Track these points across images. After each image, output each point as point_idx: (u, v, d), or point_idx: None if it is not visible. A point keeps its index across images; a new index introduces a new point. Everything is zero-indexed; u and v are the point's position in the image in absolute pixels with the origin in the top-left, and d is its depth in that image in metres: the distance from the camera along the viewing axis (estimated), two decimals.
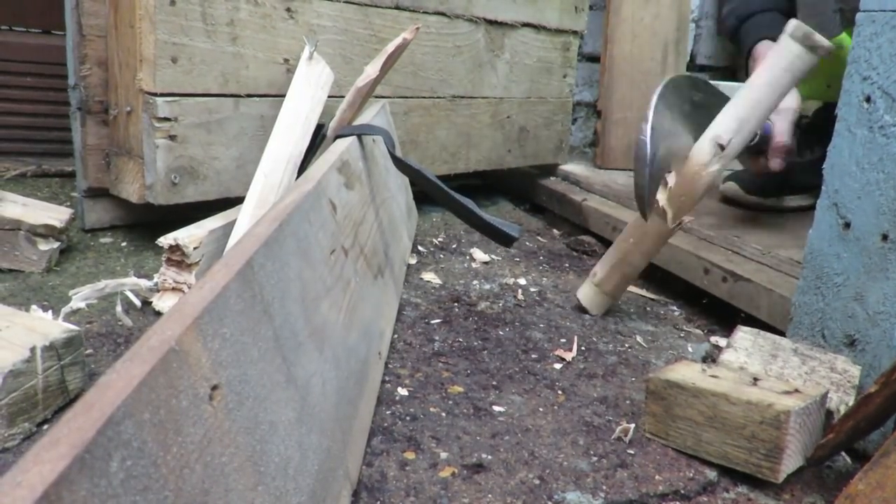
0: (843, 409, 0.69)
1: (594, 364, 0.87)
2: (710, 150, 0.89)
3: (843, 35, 1.19)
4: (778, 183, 1.35)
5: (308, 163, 1.01)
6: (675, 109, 0.96)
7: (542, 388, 0.79)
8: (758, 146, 1.14)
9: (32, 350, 0.61)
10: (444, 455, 0.64)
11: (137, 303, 0.86)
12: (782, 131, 1.13)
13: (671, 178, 0.91)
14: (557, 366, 0.85)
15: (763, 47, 1.23)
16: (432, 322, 0.94)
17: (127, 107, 1.04)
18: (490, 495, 0.59)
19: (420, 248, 1.25)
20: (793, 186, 1.36)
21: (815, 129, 1.45)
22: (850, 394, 0.71)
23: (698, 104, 1.00)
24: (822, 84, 1.29)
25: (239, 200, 0.98)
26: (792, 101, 1.15)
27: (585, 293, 1.02)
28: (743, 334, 0.82)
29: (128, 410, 0.28)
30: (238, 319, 0.40)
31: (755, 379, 0.68)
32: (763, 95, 0.89)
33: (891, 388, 0.57)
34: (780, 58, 0.89)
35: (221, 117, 1.05)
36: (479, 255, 1.25)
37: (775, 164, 1.15)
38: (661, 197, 0.91)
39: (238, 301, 0.40)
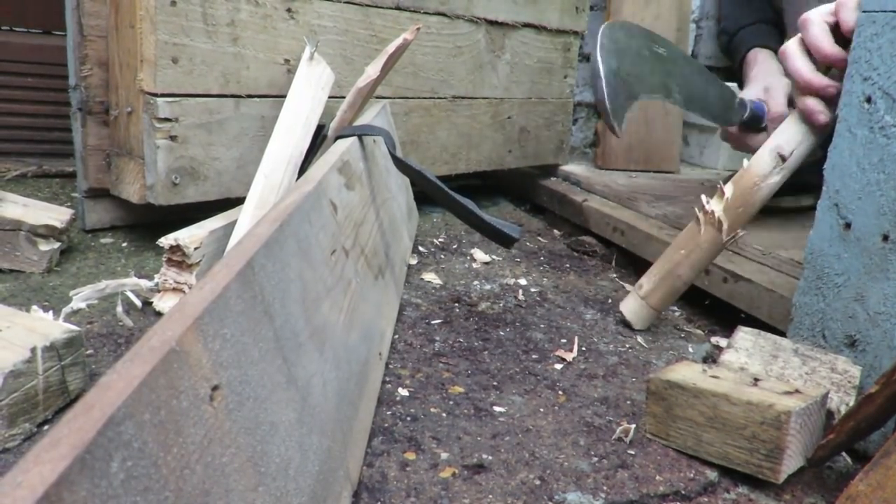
0: (843, 410, 0.69)
1: (595, 364, 0.87)
2: (771, 162, 0.87)
3: None
4: None
5: (309, 163, 1.01)
6: (634, 50, 0.96)
7: (543, 389, 0.79)
8: (752, 121, 1.14)
9: (33, 350, 0.61)
10: (444, 455, 0.64)
11: (138, 303, 0.86)
12: (778, 102, 1.14)
13: (728, 189, 0.89)
14: (558, 366, 0.85)
15: (754, 54, 1.26)
16: (433, 322, 0.94)
17: (127, 107, 1.04)
18: (491, 496, 0.59)
19: (421, 248, 1.25)
20: (793, 186, 1.37)
21: None
22: (851, 394, 0.70)
23: (661, 56, 1.00)
24: None
25: (240, 201, 0.99)
26: (781, 80, 1.17)
27: (630, 306, 0.98)
28: (743, 335, 0.81)
29: (128, 411, 0.28)
30: (238, 320, 0.40)
31: (756, 379, 0.68)
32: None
33: (891, 388, 0.57)
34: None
35: (222, 118, 1.05)
36: (480, 255, 1.25)
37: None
38: (717, 208, 0.89)
39: (238, 302, 0.40)
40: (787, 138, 0.87)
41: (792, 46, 0.85)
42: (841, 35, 0.79)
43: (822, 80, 0.82)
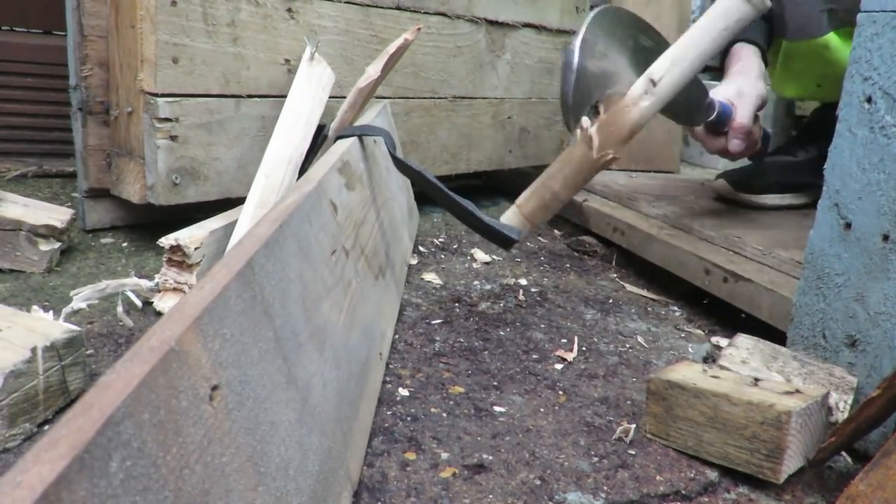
0: (841, 406, 0.70)
1: (595, 364, 0.87)
2: (642, 87, 0.90)
3: (831, 35, 1.19)
4: (768, 181, 1.36)
5: (309, 163, 1.01)
6: (618, 41, 0.97)
7: (543, 389, 0.79)
8: (717, 124, 1.14)
9: (33, 350, 0.61)
10: (444, 455, 0.64)
11: (138, 303, 0.86)
12: (744, 114, 1.14)
13: (602, 109, 0.92)
14: (558, 366, 0.85)
15: (738, 48, 1.24)
16: (433, 322, 0.94)
17: (128, 107, 1.04)
18: (491, 496, 0.59)
19: (421, 248, 1.25)
20: (785, 185, 1.37)
21: (811, 129, 1.45)
22: (850, 394, 0.71)
23: (645, 48, 1.01)
24: (812, 84, 1.30)
25: (240, 201, 0.99)
26: (756, 88, 1.17)
27: (507, 215, 1.00)
28: (743, 340, 0.82)
29: (127, 411, 0.28)
30: (238, 320, 0.40)
31: (756, 379, 0.68)
32: (696, 39, 0.91)
33: (892, 391, 0.57)
34: (717, 6, 0.91)
35: (222, 118, 1.05)
36: (480, 255, 1.25)
37: (734, 144, 1.15)
38: (591, 126, 0.92)
39: (238, 301, 0.40)
40: (659, 65, 0.90)
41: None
42: None
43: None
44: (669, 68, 0.89)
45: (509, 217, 0.98)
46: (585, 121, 0.92)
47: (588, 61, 0.90)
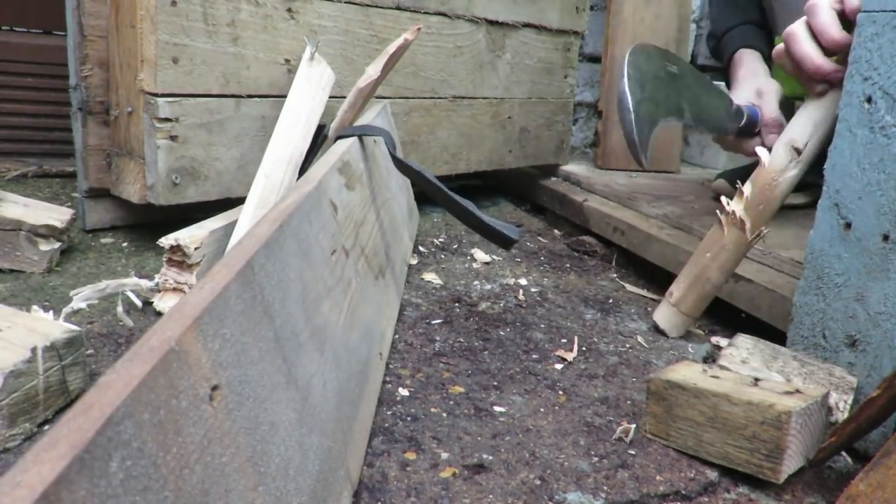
0: (841, 406, 0.70)
1: (595, 364, 0.87)
2: (787, 156, 0.88)
3: None
4: None
5: (309, 163, 1.01)
6: (651, 75, 0.96)
7: (543, 389, 0.79)
8: (748, 128, 1.14)
9: (33, 350, 0.61)
10: (444, 455, 0.64)
11: (138, 303, 0.86)
12: (772, 108, 1.15)
13: (747, 188, 0.89)
14: (558, 366, 0.85)
15: (740, 55, 1.26)
16: (433, 322, 0.94)
17: (128, 107, 1.04)
18: (491, 496, 0.59)
19: (421, 248, 1.25)
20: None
21: None
22: (850, 394, 0.71)
23: (672, 74, 1.01)
24: None
25: (240, 201, 0.99)
26: (771, 83, 1.18)
27: (663, 315, 0.98)
28: (743, 339, 0.82)
29: (127, 411, 0.28)
30: (238, 320, 0.40)
31: (756, 379, 0.68)
32: (834, 100, 0.87)
33: (892, 390, 0.57)
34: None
35: (222, 118, 1.05)
36: (480, 255, 1.25)
37: (771, 140, 1.15)
38: (738, 207, 0.89)
39: (238, 301, 0.40)
40: (801, 131, 0.88)
41: (798, 30, 0.85)
42: (847, 21, 0.80)
43: (831, 65, 0.83)
44: (812, 133, 0.87)
45: (667, 317, 0.96)
46: (731, 203, 0.90)
47: (639, 98, 0.90)
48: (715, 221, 0.93)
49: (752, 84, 1.19)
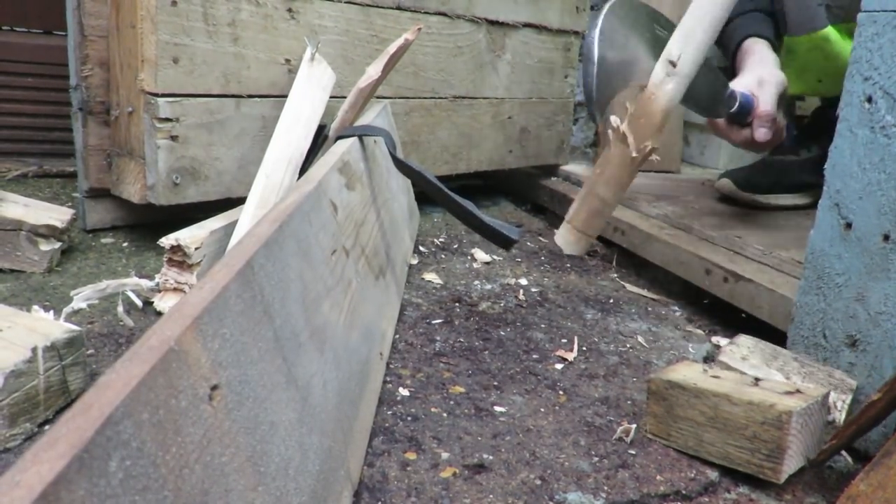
0: (839, 405, 0.70)
1: (595, 364, 0.87)
2: (662, 71, 0.90)
3: (829, 29, 1.18)
4: (773, 180, 1.35)
5: (309, 164, 1.01)
6: (636, 32, 0.96)
7: (544, 389, 0.79)
8: (739, 116, 1.11)
9: (34, 350, 0.61)
10: (445, 455, 0.64)
11: (139, 303, 0.86)
12: (766, 100, 1.11)
13: (630, 104, 0.91)
14: (559, 366, 0.85)
15: (750, 44, 1.20)
16: (433, 322, 0.94)
17: (128, 107, 1.04)
18: (491, 496, 0.59)
19: (421, 248, 1.25)
20: (789, 185, 1.37)
21: (812, 129, 1.45)
22: (848, 394, 0.71)
23: (661, 38, 0.99)
24: (814, 79, 1.29)
25: (240, 201, 0.99)
26: (775, 75, 1.14)
27: (560, 234, 0.99)
28: (744, 339, 0.82)
29: (127, 410, 0.28)
30: (238, 320, 0.40)
31: (756, 379, 0.68)
32: (704, 6, 0.88)
33: (893, 392, 0.57)
34: None
35: (223, 118, 1.05)
36: (481, 255, 1.25)
37: (760, 133, 1.11)
38: (622, 123, 0.91)
39: (238, 301, 0.40)
40: (674, 44, 0.89)
41: None
42: None
43: None
44: (684, 45, 0.87)
45: (563, 235, 0.97)
46: (615, 120, 0.92)
47: (608, 52, 0.89)
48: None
49: (757, 72, 1.15)
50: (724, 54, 1.30)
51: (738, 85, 1.13)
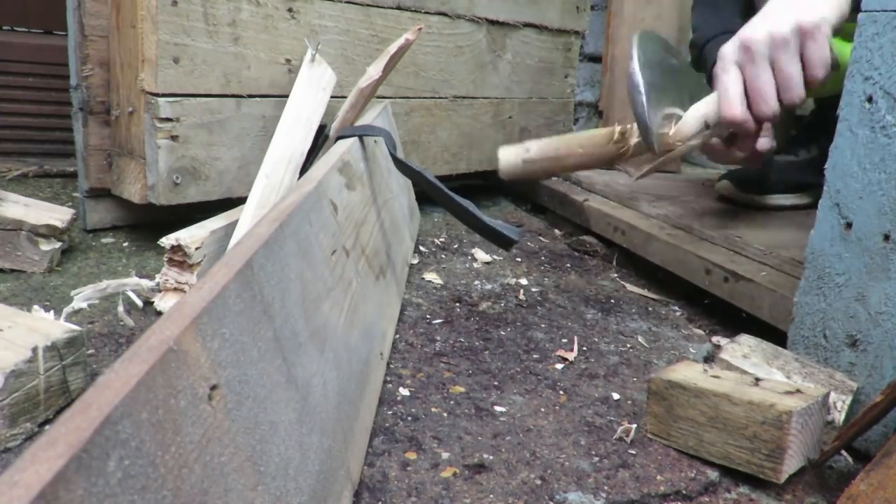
0: (839, 405, 0.70)
1: (596, 364, 0.87)
2: (697, 127, 0.92)
3: None
4: (772, 181, 1.35)
5: (310, 164, 1.01)
6: (656, 62, 0.97)
7: (544, 389, 0.79)
8: (733, 136, 1.13)
9: (34, 350, 0.61)
10: (445, 455, 0.64)
11: (139, 303, 0.86)
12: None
13: (654, 137, 0.94)
14: (559, 366, 0.85)
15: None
16: (434, 322, 0.94)
17: (129, 107, 1.04)
18: (492, 495, 0.59)
19: (422, 248, 1.25)
20: (788, 185, 1.36)
21: (811, 129, 1.45)
22: (849, 395, 0.71)
23: (673, 66, 1.02)
24: None
25: (241, 201, 0.99)
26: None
27: (508, 157, 1.00)
28: (745, 339, 0.82)
29: (126, 410, 0.28)
30: (238, 320, 0.40)
31: (757, 379, 0.68)
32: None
33: (895, 394, 0.57)
34: None
35: (223, 118, 1.05)
36: (481, 255, 1.25)
37: (763, 142, 1.13)
38: (633, 139, 0.93)
39: (238, 301, 0.40)
40: (714, 108, 0.92)
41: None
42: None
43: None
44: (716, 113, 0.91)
45: (509, 160, 0.99)
46: (632, 133, 0.93)
47: (648, 79, 0.92)
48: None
49: None
50: (702, 72, 1.32)
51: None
